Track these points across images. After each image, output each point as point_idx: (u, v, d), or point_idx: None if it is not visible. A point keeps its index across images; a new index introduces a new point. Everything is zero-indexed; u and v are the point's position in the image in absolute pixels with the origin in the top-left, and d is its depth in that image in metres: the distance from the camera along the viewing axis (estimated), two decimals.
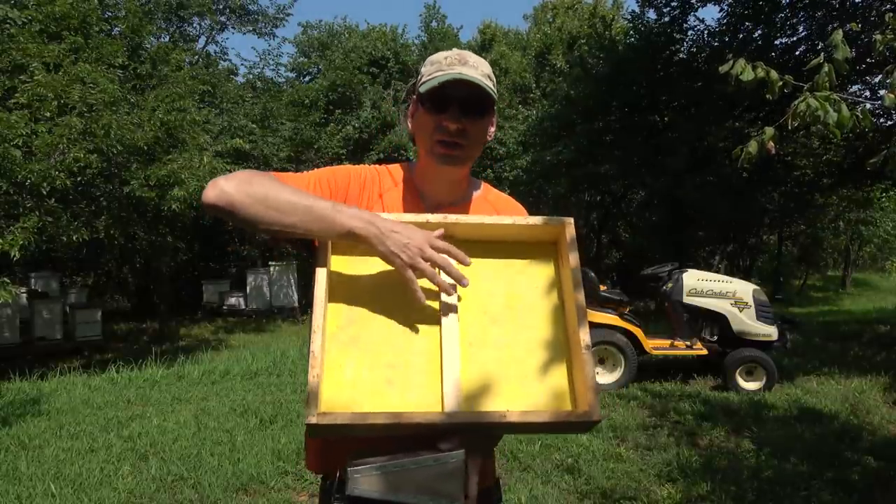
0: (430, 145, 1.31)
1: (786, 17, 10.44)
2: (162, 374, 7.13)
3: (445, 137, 1.28)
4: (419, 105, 1.33)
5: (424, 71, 1.32)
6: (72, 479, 3.73)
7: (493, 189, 1.48)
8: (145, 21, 9.98)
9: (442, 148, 1.30)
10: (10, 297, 6.08)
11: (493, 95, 1.29)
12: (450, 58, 1.29)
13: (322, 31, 18.36)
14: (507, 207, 1.45)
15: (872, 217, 20.20)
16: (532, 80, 15.74)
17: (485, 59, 1.35)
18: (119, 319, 14.00)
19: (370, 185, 1.37)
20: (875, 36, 2.81)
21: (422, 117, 1.32)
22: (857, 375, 6.13)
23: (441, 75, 1.26)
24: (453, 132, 1.28)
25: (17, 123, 6.57)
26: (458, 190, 1.39)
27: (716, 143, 12.06)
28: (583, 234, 16.73)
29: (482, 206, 1.41)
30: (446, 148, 1.29)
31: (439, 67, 1.29)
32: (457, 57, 1.29)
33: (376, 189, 1.37)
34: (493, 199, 1.45)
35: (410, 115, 1.38)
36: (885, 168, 2.85)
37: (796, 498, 3.37)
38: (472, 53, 1.32)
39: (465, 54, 1.30)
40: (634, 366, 5.93)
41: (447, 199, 1.37)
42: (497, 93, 1.33)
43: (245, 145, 11.30)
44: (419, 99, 1.32)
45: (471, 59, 1.30)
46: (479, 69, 1.28)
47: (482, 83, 1.26)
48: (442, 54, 1.32)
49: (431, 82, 1.27)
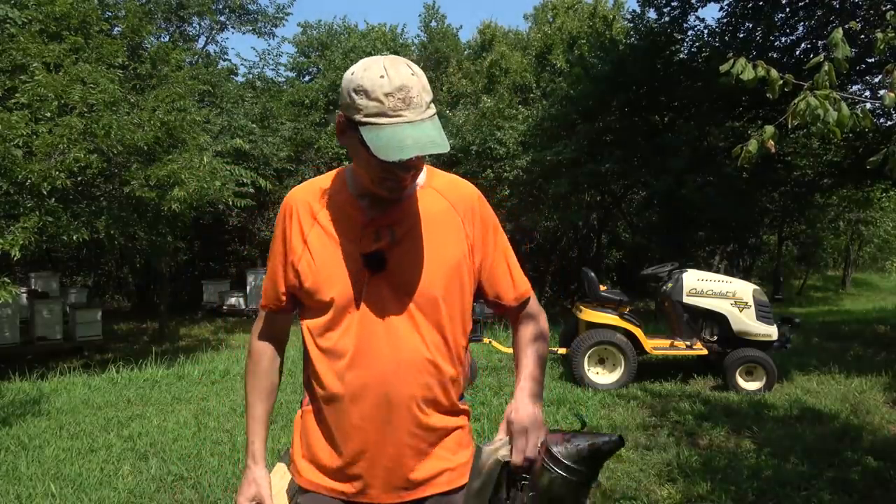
0: (378, 182, 1.27)
1: (786, 17, 10.44)
2: (162, 374, 7.13)
3: (398, 181, 1.26)
4: (361, 144, 1.21)
5: (361, 104, 1.18)
6: (72, 479, 3.73)
7: (438, 173, 1.43)
8: (145, 21, 9.98)
9: (388, 186, 1.27)
10: (11, 297, 6.08)
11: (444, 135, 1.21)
12: (392, 97, 1.17)
13: (322, 31, 18.38)
14: (455, 191, 1.40)
15: (872, 217, 20.22)
16: (532, 80, 15.73)
17: (416, 65, 1.24)
18: (119, 319, 14.00)
19: (292, 225, 1.36)
20: (876, 34, 2.81)
21: (364, 155, 1.21)
22: (857, 375, 6.12)
23: (386, 136, 1.16)
24: (406, 179, 1.26)
25: (18, 123, 6.58)
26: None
27: (716, 143, 12.06)
28: (583, 234, 16.75)
29: (427, 196, 1.37)
30: (397, 187, 1.27)
31: (381, 110, 1.17)
32: (400, 96, 1.17)
33: (306, 218, 1.35)
34: (438, 185, 1.39)
35: (341, 133, 1.27)
36: (885, 167, 2.85)
37: (796, 498, 3.37)
38: (408, 70, 1.20)
39: (407, 87, 1.17)
40: (634, 366, 5.93)
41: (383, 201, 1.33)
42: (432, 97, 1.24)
43: (245, 145, 11.30)
44: (360, 139, 1.20)
45: (413, 92, 1.17)
46: (421, 104, 1.18)
47: (434, 145, 1.17)
48: (381, 84, 1.17)
49: (379, 140, 1.16)
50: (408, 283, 1.31)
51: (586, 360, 5.95)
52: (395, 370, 1.30)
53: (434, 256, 1.33)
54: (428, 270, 1.32)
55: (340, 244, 1.32)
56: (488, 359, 7.25)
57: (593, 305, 6.24)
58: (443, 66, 17.47)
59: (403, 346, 1.30)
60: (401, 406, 1.30)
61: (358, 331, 1.31)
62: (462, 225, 1.36)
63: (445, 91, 17.01)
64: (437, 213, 1.35)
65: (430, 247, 1.33)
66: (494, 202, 14.15)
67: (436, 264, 1.33)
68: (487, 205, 1.42)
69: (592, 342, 5.96)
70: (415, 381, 1.31)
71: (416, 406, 1.32)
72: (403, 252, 1.32)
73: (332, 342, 1.32)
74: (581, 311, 6.29)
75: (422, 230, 1.33)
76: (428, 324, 1.32)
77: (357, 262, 1.31)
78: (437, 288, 1.32)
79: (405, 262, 1.31)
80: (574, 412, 5.03)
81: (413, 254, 1.32)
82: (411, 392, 1.31)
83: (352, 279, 1.31)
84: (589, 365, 5.97)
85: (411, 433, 1.32)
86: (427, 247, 1.33)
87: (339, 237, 1.33)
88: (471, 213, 1.38)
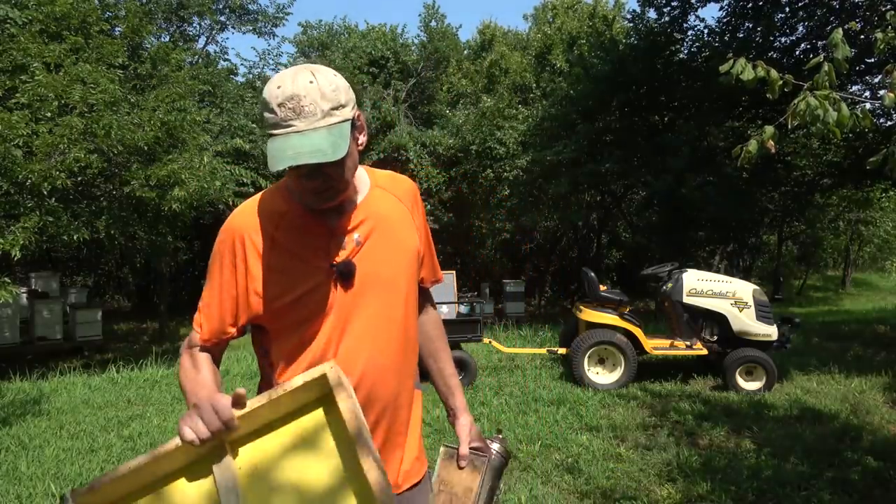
0: (298, 194, 1.29)
1: (786, 17, 10.44)
2: (162, 374, 7.13)
3: (310, 190, 1.25)
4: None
5: (265, 116, 1.20)
6: (72, 479, 3.74)
7: (377, 172, 1.46)
8: (145, 21, 9.97)
9: (310, 196, 1.27)
10: (11, 297, 6.08)
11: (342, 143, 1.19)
12: (284, 107, 1.17)
13: (322, 31, 18.36)
14: (398, 186, 1.45)
15: (872, 217, 20.22)
16: (532, 80, 15.72)
17: (327, 71, 1.23)
18: (119, 319, 14.01)
19: (246, 251, 1.31)
20: (876, 34, 2.81)
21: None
22: (857, 375, 6.13)
23: (276, 147, 1.17)
24: (317, 187, 1.24)
25: (18, 123, 6.57)
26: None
27: (716, 143, 12.05)
28: (583, 234, 16.75)
29: (376, 195, 1.39)
30: (315, 196, 1.26)
31: (275, 121, 1.18)
32: (291, 105, 1.17)
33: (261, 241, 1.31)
34: (382, 183, 1.43)
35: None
36: (885, 167, 2.85)
37: (796, 498, 3.37)
38: (307, 78, 1.19)
39: (297, 96, 1.17)
40: (634, 366, 5.93)
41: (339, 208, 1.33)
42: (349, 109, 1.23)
43: (245, 145, 11.30)
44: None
45: (305, 101, 1.17)
46: (317, 112, 1.18)
47: (319, 154, 1.16)
48: (275, 94, 1.18)
49: (270, 151, 1.17)
50: (376, 281, 1.34)
51: (586, 360, 5.96)
52: (376, 371, 1.33)
53: (396, 250, 1.38)
54: (393, 264, 1.37)
55: (305, 258, 1.31)
56: (488, 359, 7.25)
57: (593, 305, 6.24)
58: (443, 66, 17.45)
59: (381, 346, 1.34)
60: (387, 405, 1.35)
61: (337, 338, 1.32)
62: (411, 216, 1.44)
63: (445, 91, 16.99)
64: (389, 209, 1.40)
65: (391, 242, 1.38)
66: (494, 202, 14.17)
67: (399, 256, 1.38)
68: (420, 196, 1.52)
69: (592, 342, 5.97)
70: (394, 379, 1.36)
71: (398, 402, 1.37)
72: (369, 252, 1.34)
73: (313, 353, 1.32)
74: (581, 311, 6.29)
75: (382, 230, 1.37)
76: (397, 317, 1.37)
77: (325, 271, 1.31)
78: (402, 279, 1.38)
79: (371, 261, 1.34)
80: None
81: (379, 251, 1.35)
82: (393, 390, 1.36)
83: (324, 290, 1.31)
84: (589, 365, 5.98)
85: (395, 430, 1.38)
86: (389, 243, 1.37)
87: (302, 251, 1.31)
88: (413, 204, 1.46)
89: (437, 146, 14.04)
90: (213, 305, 1.34)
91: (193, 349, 1.35)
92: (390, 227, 1.38)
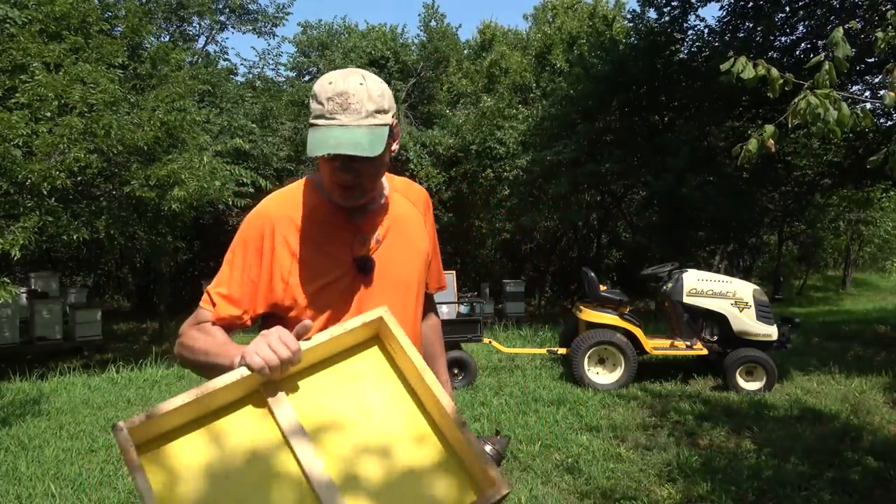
0: (329, 187, 1.34)
1: (786, 17, 10.44)
2: (162, 373, 7.13)
3: (340, 184, 1.30)
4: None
5: (312, 107, 1.27)
6: (72, 479, 3.73)
7: (394, 177, 1.52)
8: (145, 21, 9.96)
9: (339, 191, 1.32)
10: (11, 297, 6.07)
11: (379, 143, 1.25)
12: (332, 101, 1.24)
13: (322, 31, 18.36)
14: (412, 192, 1.53)
15: (872, 217, 20.21)
16: (532, 80, 15.72)
17: (375, 77, 1.29)
18: (119, 319, 14.00)
19: (276, 240, 1.34)
20: (876, 33, 2.81)
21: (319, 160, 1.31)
22: (857, 375, 6.12)
23: (318, 136, 1.23)
24: (347, 181, 1.29)
25: (18, 123, 6.57)
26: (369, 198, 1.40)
27: (716, 143, 12.05)
28: (583, 234, 16.74)
29: (394, 199, 1.47)
30: (343, 191, 1.31)
31: (321, 112, 1.25)
32: (339, 101, 1.24)
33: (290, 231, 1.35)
34: (398, 188, 1.51)
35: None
36: (885, 167, 2.85)
37: (796, 498, 3.37)
38: (357, 80, 1.26)
39: (347, 93, 1.24)
40: (634, 366, 5.93)
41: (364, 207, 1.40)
42: (389, 116, 1.29)
43: (245, 145, 11.28)
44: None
45: (353, 99, 1.24)
46: (361, 111, 1.24)
47: (357, 147, 1.22)
48: (326, 89, 1.25)
49: (311, 139, 1.24)
50: (392, 278, 1.41)
51: (586, 360, 5.95)
52: None
53: (411, 250, 1.47)
54: (407, 264, 1.45)
55: (330, 250, 1.37)
56: (488, 359, 7.24)
57: (593, 305, 6.24)
58: (443, 66, 17.45)
59: None
60: None
61: None
62: (423, 221, 1.53)
63: (445, 91, 16.99)
64: (405, 213, 1.49)
65: (407, 243, 1.46)
66: (494, 202, 14.16)
67: (413, 257, 1.47)
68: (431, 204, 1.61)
69: (592, 342, 5.96)
70: None
71: None
72: (387, 251, 1.42)
73: None
74: (581, 311, 6.28)
75: (398, 230, 1.45)
76: (409, 315, 1.44)
77: (347, 265, 1.37)
78: (415, 279, 1.47)
79: (389, 260, 1.41)
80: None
81: (395, 251, 1.43)
82: None
83: (344, 282, 1.37)
84: (589, 365, 5.97)
85: None
86: (405, 244, 1.46)
87: (327, 244, 1.37)
88: (425, 210, 1.55)
89: (437, 146, 14.04)
90: (234, 285, 1.37)
91: (202, 324, 1.37)
92: (406, 229, 1.46)
